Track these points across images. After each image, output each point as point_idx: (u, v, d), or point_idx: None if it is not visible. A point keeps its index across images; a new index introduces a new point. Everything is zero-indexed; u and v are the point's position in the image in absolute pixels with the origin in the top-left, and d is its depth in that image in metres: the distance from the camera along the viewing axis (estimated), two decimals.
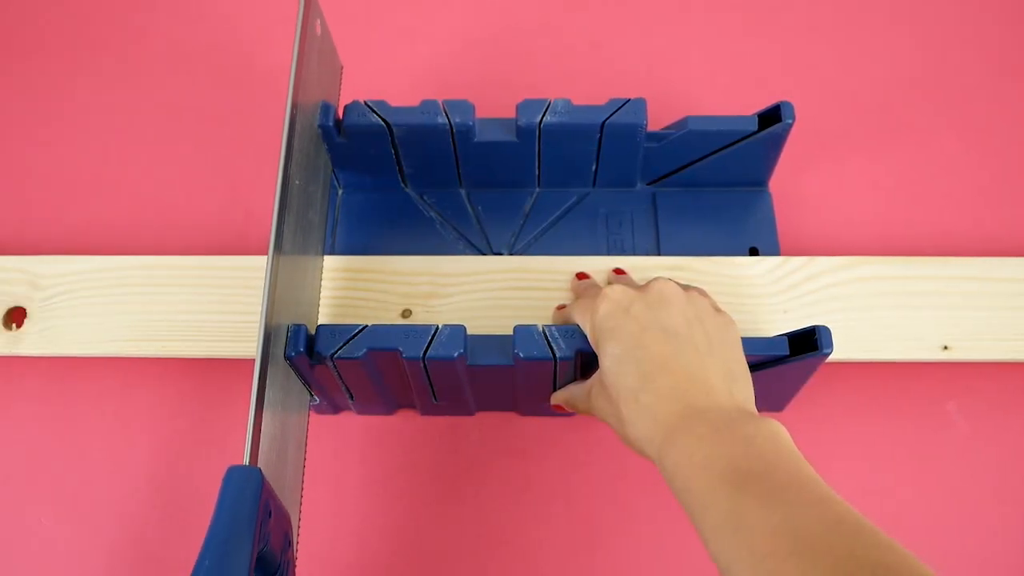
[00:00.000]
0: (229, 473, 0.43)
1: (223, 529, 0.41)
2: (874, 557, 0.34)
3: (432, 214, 0.65)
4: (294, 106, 0.53)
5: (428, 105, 0.58)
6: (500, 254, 0.64)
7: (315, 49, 0.57)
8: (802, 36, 0.76)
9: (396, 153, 0.62)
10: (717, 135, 0.60)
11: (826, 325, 0.50)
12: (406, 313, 0.60)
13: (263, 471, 0.44)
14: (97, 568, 0.58)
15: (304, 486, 0.56)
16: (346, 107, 0.59)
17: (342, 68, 0.64)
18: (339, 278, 0.61)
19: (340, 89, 0.64)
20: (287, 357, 0.50)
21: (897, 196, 0.68)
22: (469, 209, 0.65)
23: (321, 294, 0.60)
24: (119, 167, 0.71)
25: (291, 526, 0.48)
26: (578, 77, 0.74)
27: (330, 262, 0.62)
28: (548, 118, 0.58)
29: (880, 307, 0.60)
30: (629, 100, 0.58)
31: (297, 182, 0.53)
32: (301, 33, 0.54)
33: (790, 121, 0.58)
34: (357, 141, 0.60)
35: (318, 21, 0.57)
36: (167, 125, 0.73)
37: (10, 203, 0.70)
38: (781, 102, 0.58)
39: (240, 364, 0.61)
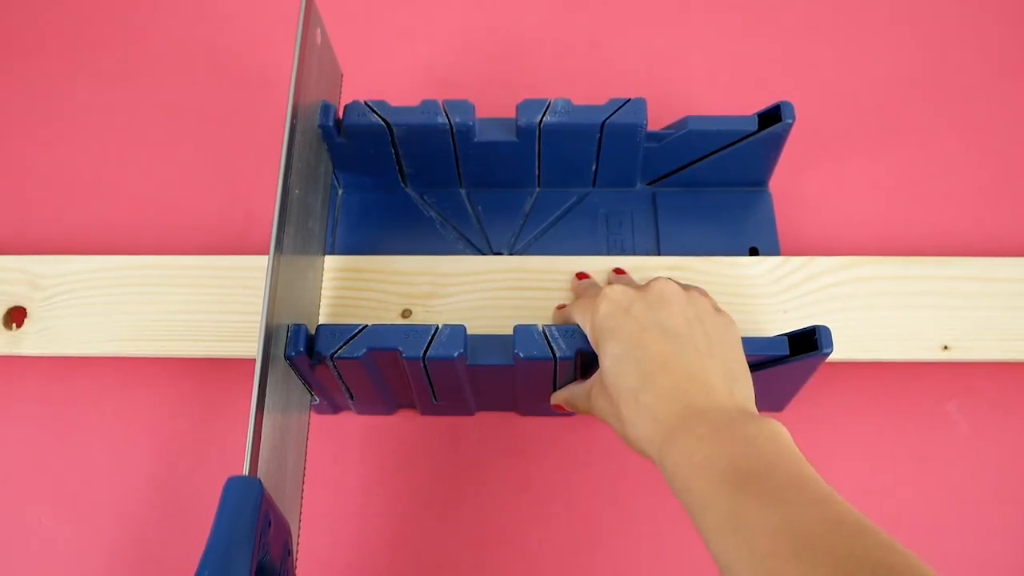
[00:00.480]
0: (229, 484, 0.43)
1: (223, 539, 0.41)
2: (875, 557, 0.34)
3: (432, 214, 0.65)
4: (294, 114, 0.53)
5: (428, 105, 0.58)
6: (500, 254, 0.64)
7: (315, 58, 0.57)
8: (802, 36, 0.76)
9: (396, 153, 0.62)
10: (717, 135, 0.60)
11: (826, 325, 0.50)
12: (406, 313, 0.60)
13: (263, 476, 0.44)
14: (97, 568, 0.58)
15: (304, 486, 0.56)
16: (346, 107, 0.59)
17: (342, 76, 0.64)
18: (339, 278, 0.61)
19: (340, 97, 0.64)
20: (287, 357, 0.50)
21: (897, 196, 0.68)
22: (469, 209, 0.65)
23: (321, 294, 0.60)
24: (119, 167, 0.71)
25: (291, 535, 0.48)
26: (578, 77, 0.74)
27: (330, 262, 0.62)
28: (548, 118, 0.58)
29: (880, 307, 0.60)
30: (629, 100, 0.58)
31: (297, 191, 0.53)
32: (301, 42, 0.54)
33: (790, 121, 0.58)
34: (357, 141, 0.60)
35: (318, 30, 0.57)
36: (167, 125, 0.73)
37: (10, 203, 0.70)
38: (781, 102, 0.58)
39: (240, 364, 0.61)
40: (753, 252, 0.63)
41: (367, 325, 0.51)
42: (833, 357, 0.52)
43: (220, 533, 0.41)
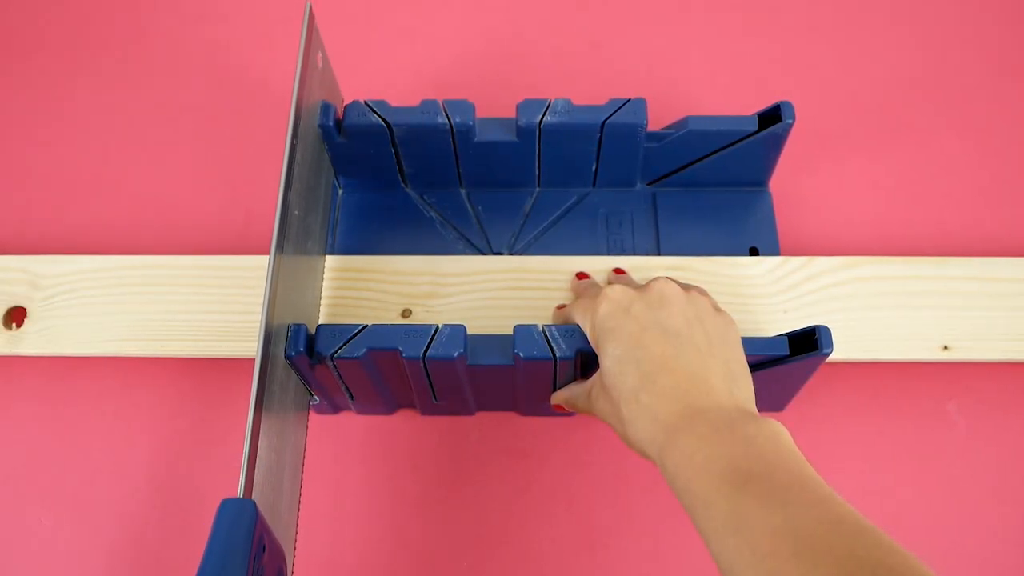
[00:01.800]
0: (223, 506, 0.42)
1: (216, 561, 0.40)
2: (875, 558, 0.34)
3: (432, 214, 0.65)
4: (295, 135, 0.53)
5: (428, 105, 0.58)
6: (500, 254, 0.64)
7: (316, 81, 0.57)
8: (802, 36, 0.76)
9: (396, 153, 0.62)
10: (717, 135, 0.60)
11: (826, 325, 0.50)
12: (406, 313, 0.60)
13: (259, 493, 0.43)
14: (97, 568, 0.58)
15: (304, 486, 0.56)
16: (346, 107, 0.59)
17: (343, 101, 0.64)
18: (339, 278, 0.61)
19: None
20: (287, 357, 0.50)
21: (897, 196, 0.68)
22: (469, 209, 0.65)
23: (321, 294, 0.60)
24: (119, 167, 0.71)
25: (285, 562, 0.47)
26: (578, 77, 0.74)
27: (330, 262, 0.62)
28: (548, 118, 0.58)
29: (880, 307, 0.60)
30: (629, 100, 0.58)
31: (296, 212, 0.53)
32: (302, 65, 0.54)
33: (790, 121, 0.58)
34: (357, 141, 0.60)
35: (319, 54, 0.57)
36: (167, 125, 0.73)
37: (10, 203, 0.70)
38: (781, 102, 0.58)
39: (240, 364, 0.61)
40: (753, 252, 0.63)
41: (367, 325, 0.51)
42: (833, 357, 0.52)
43: (213, 555, 0.41)
